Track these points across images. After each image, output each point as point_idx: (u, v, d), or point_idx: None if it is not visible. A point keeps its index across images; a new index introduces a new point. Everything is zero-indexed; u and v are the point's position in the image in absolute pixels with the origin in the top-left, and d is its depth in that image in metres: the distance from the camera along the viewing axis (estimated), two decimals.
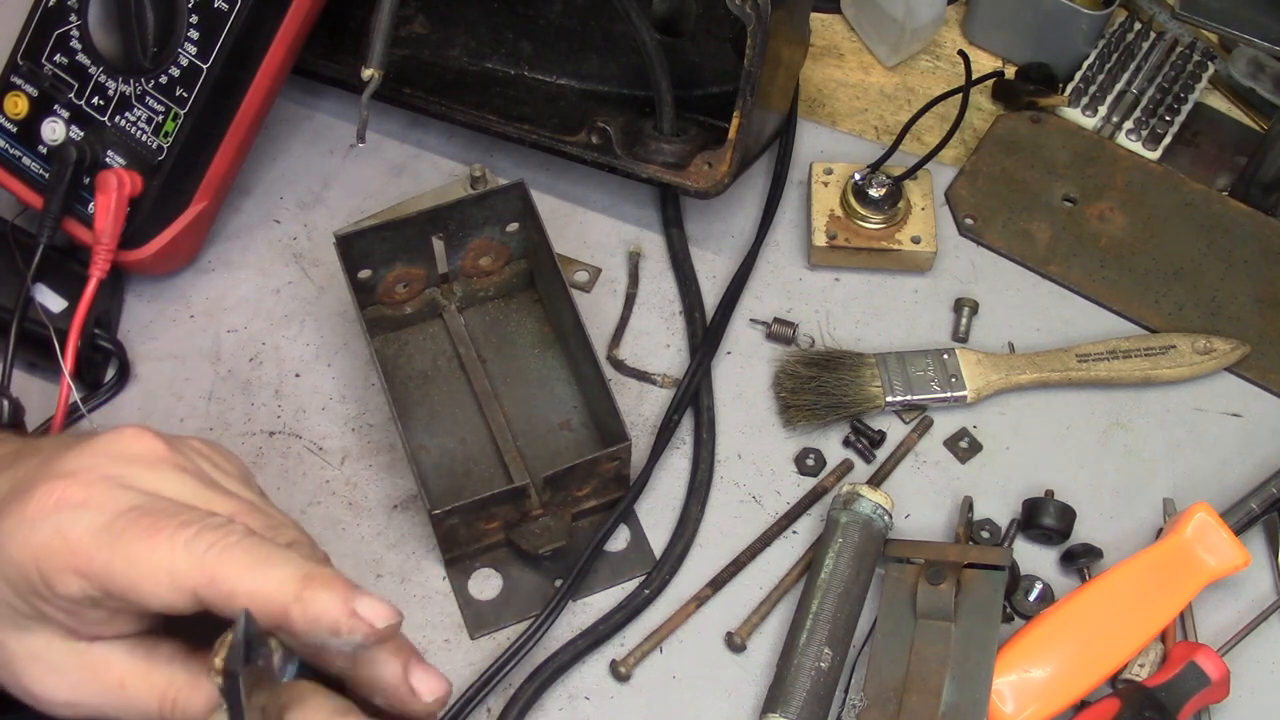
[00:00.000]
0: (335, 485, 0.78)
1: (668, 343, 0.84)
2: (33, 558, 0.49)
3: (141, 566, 0.48)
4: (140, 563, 0.48)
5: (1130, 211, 0.89)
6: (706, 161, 0.83)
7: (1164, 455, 0.80)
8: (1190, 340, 0.82)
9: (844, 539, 0.73)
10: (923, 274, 0.87)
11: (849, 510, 0.74)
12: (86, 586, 0.49)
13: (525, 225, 0.80)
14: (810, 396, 0.79)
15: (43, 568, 0.49)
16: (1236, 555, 0.72)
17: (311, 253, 0.86)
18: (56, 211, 0.77)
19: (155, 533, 0.49)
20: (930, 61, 0.97)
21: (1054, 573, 0.76)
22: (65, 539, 0.49)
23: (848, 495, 0.74)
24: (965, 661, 0.69)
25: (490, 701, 0.71)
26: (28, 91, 0.80)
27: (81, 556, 0.49)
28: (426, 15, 0.90)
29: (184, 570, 0.48)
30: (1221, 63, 0.95)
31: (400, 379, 0.81)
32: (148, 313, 0.84)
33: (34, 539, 0.50)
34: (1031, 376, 0.81)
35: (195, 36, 0.76)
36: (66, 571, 0.49)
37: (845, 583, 0.72)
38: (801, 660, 0.69)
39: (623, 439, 0.72)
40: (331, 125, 0.92)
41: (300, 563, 0.49)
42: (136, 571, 0.48)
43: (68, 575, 0.49)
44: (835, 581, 0.72)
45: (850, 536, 0.73)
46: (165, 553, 0.48)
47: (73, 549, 0.49)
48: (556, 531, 0.73)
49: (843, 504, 0.74)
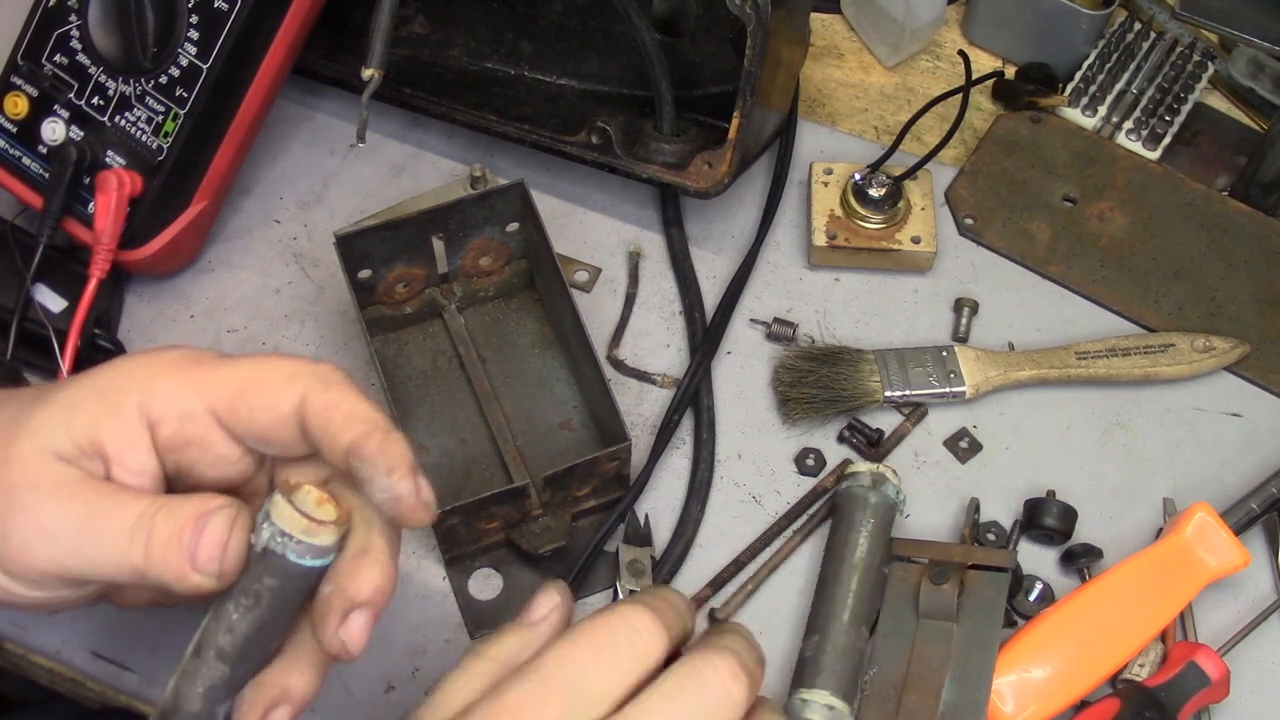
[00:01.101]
0: None
1: (668, 343, 0.84)
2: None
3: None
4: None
5: (1130, 211, 0.89)
6: (706, 161, 0.83)
7: (1164, 455, 0.80)
8: (1190, 339, 0.82)
9: (875, 519, 0.73)
10: (923, 274, 0.87)
11: (878, 490, 0.74)
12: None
13: (525, 225, 0.80)
14: (809, 390, 0.79)
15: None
16: (1236, 555, 0.72)
17: (311, 253, 0.86)
18: (56, 211, 0.77)
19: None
20: (930, 61, 0.97)
21: (1054, 572, 0.76)
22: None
23: (876, 475, 0.74)
24: (966, 662, 0.69)
25: None
26: (28, 91, 0.80)
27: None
28: (426, 15, 0.90)
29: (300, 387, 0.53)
30: (1221, 63, 0.95)
31: (400, 379, 0.81)
32: (148, 313, 0.84)
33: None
34: (1030, 373, 0.81)
35: (195, 36, 0.76)
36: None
37: (877, 563, 0.72)
38: (843, 638, 0.70)
39: (623, 439, 0.72)
40: (331, 125, 0.92)
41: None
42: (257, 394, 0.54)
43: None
44: (869, 561, 0.72)
45: (880, 517, 0.73)
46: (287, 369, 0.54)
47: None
48: (556, 531, 0.73)
49: (870, 483, 0.74)
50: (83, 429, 0.53)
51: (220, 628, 0.51)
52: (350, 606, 0.51)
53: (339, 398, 0.53)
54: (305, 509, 0.51)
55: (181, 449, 0.55)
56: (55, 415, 0.54)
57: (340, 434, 0.52)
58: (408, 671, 0.72)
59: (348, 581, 0.51)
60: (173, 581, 0.51)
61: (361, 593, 0.51)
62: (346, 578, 0.51)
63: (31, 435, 0.53)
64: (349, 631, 0.51)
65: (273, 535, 0.50)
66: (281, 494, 0.51)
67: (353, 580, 0.51)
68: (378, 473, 0.51)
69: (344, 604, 0.51)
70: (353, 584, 0.51)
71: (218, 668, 0.51)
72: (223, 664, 0.51)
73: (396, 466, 0.51)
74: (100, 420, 0.54)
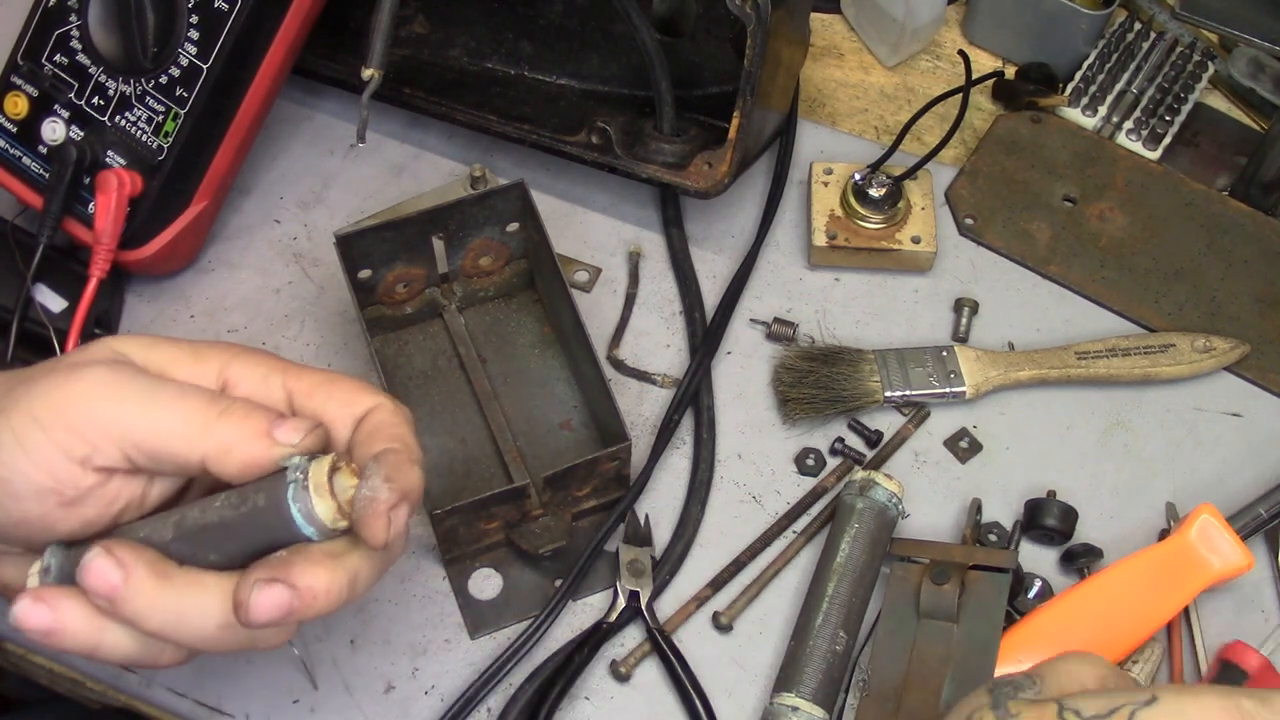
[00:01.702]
0: None
1: (668, 343, 0.84)
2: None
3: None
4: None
5: (1130, 211, 0.89)
6: (706, 161, 0.83)
7: (1164, 455, 0.80)
8: (1190, 339, 0.82)
9: (859, 525, 0.73)
10: (923, 274, 0.87)
11: (865, 496, 0.74)
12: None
13: (525, 225, 0.80)
14: (809, 390, 0.79)
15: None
16: (1240, 558, 0.72)
17: (311, 253, 0.86)
18: (56, 211, 0.77)
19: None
20: (930, 61, 0.97)
21: (1054, 572, 0.76)
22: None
23: (863, 482, 0.74)
24: (966, 662, 0.69)
25: (490, 701, 0.71)
26: (28, 91, 0.80)
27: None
28: (426, 15, 0.90)
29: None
30: (1221, 63, 0.95)
31: (400, 379, 0.81)
32: (148, 313, 0.84)
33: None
34: (1030, 373, 0.81)
35: (195, 36, 0.76)
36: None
37: (860, 568, 0.72)
38: (816, 642, 0.70)
39: (623, 439, 0.72)
40: (331, 125, 0.92)
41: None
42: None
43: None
44: (850, 566, 0.72)
45: (865, 523, 0.73)
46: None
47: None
48: (556, 531, 0.73)
49: (858, 490, 0.74)
50: (161, 359, 0.56)
51: (196, 506, 0.54)
52: (271, 580, 0.52)
53: (402, 428, 0.56)
54: (337, 487, 0.53)
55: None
56: (141, 339, 0.57)
57: (379, 443, 0.54)
58: (408, 671, 0.72)
59: (297, 571, 0.52)
60: (238, 441, 0.53)
61: (300, 581, 0.52)
62: (301, 565, 0.52)
63: (113, 341, 0.56)
64: (259, 600, 0.52)
65: (297, 478, 0.52)
66: (333, 460, 0.53)
67: (303, 571, 0.52)
68: (377, 473, 0.52)
69: (268, 574, 0.52)
70: (299, 572, 0.52)
71: (167, 530, 0.53)
72: (171, 531, 0.53)
73: (395, 480, 0.52)
74: (179, 359, 0.56)
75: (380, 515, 0.52)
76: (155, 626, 0.53)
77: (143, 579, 0.52)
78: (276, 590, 0.51)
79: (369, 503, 0.52)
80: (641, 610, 0.73)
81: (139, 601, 0.52)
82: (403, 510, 0.52)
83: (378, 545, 0.52)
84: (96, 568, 0.52)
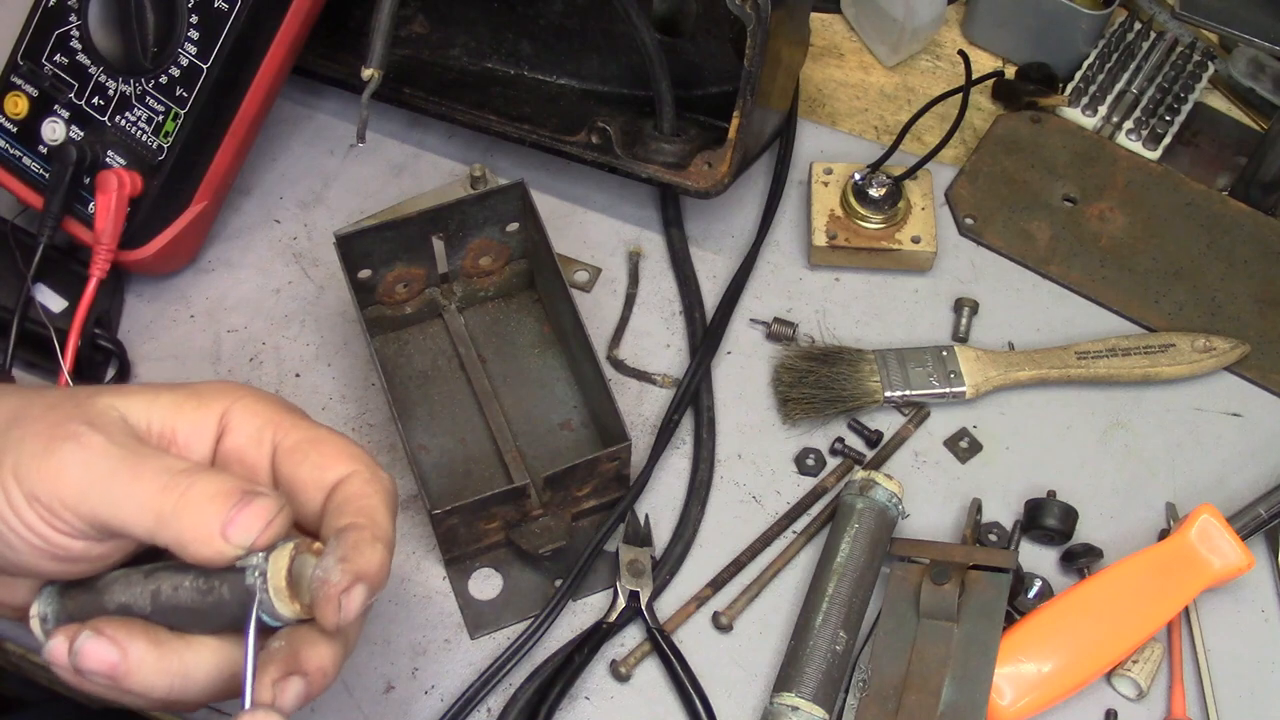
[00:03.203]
0: None
1: (668, 343, 0.84)
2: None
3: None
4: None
5: (1130, 211, 0.89)
6: (706, 161, 0.83)
7: (1164, 455, 0.80)
8: (1190, 339, 0.82)
9: (859, 524, 0.73)
10: (923, 274, 0.87)
11: (865, 496, 0.74)
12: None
13: (525, 225, 0.80)
14: (809, 390, 0.79)
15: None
16: (1240, 558, 0.72)
17: (311, 253, 0.86)
18: (57, 211, 0.77)
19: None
20: (930, 61, 0.97)
21: (1054, 572, 0.76)
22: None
23: (863, 482, 0.74)
24: (966, 662, 0.69)
25: (490, 701, 0.71)
26: (28, 91, 0.80)
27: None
28: (426, 15, 0.90)
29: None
30: (1221, 63, 0.95)
31: (400, 379, 0.81)
32: (148, 313, 0.84)
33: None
34: (1030, 373, 0.81)
35: (195, 36, 0.76)
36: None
37: (860, 568, 0.72)
38: (816, 642, 0.70)
39: (623, 439, 0.72)
40: (331, 125, 0.92)
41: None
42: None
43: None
44: (850, 566, 0.72)
45: (865, 522, 0.73)
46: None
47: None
48: (556, 531, 0.73)
49: (858, 490, 0.74)
50: (163, 410, 0.55)
51: (169, 581, 0.53)
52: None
53: (373, 500, 0.54)
54: (300, 575, 0.52)
55: (227, 465, 0.56)
56: (145, 391, 0.56)
57: (344, 517, 0.53)
58: (408, 671, 0.72)
59: (303, 656, 0.52)
60: (191, 540, 0.51)
61: (309, 665, 0.52)
62: (305, 650, 0.52)
63: (114, 395, 0.55)
64: (283, 700, 0.51)
65: (256, 579, 0.51)
66: (291, 553, 0.52)
67: (309, 655, 0.52)
68: (333, 552, 0.52)
69: (280, 670, 0.52)
70: (304, 657, 0.52)
71: (145, 603, 0.53)
72: (149, 604, 0.53)
73: (351, 561, 0.51)
74: (183, 406, 0.55)
75: (330, 600, 0.50)
76: (163, 694, 0.52)
77: (143, 651, 0.52)
78: (293, 684, 0.51)
79: (320, 584, 0.51)
80: (641, 610, 0.73)
81: (142, 673, 0.52)
82: (357, 593, 0.51)
83: (330, 629, 0.51)
84: (91, 650, 0.51)
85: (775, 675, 0.71)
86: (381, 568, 0.52)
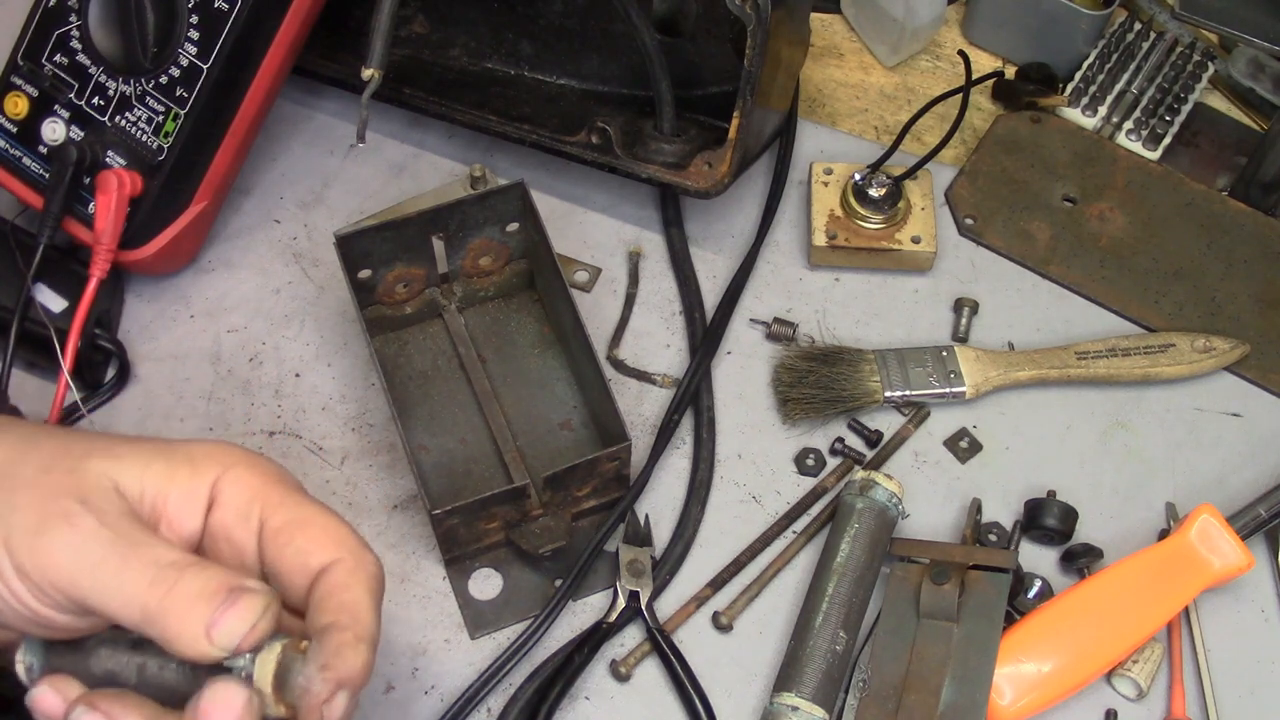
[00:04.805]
0: (335, 485, 0.78)
1: (668, 343, 0.84)
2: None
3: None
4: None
5: (1130, 211, 0.89)
6: (706, 161, 0.83)
7: (1164, 455, 0.80)
8: (1190, 339, 0.82)
9: (859, 525, 0.73)
10: (923, 274, 0.87)
11: (865, 496, 0.74)
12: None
13: (525, 225, 0.80)
14: (809, 390, 0.79)
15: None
16: (1240, 558, 0.72)
17: (311, 253, 0.86)
18: (57, 211, 0.77)
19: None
20: (930, 61, 0.97)
21: (1054, 572, 0.76)
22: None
23: (863, 482, 0.74)
24: (966, 662, 0.69)
25: (490, 701, 0.71)
26: (28, 91, 0.80)
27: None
28: (426, 15, 0.90)
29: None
30: (1221, 63, 0.95)
31: (400, 379, 0.81)
32: (148, 313, 0.84)
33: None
34: (1030, 373, 0.81)
35: (195, 36, 0.76)
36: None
37: (860, 568, 0.72)
38: (816, 642, 0.70)
39: (623, 439, 0.72)
40: (331, 125, 0.92)
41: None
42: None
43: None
44: (850, 566, 0.72)
45: (865, 522, 0.73)
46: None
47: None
48: (556, 531, 0.73)
49: (858, 490, 0.74)
50: (156, 478, 0.54)
51: (156, 660, 0.53)
52: None
53: (355, 593, 0.53)
54: (283, 674, 0.51)
55: (215, 541, 0.55)
56: (139, 453, 0.54)
57: (327, 614, 0.53)
58: (408, 671, 0.72)
59: None
60: (176, 638, 0.50)
61: None
62: None
63: (105, 459, 0.54)
64: None
65: (245, 669, 0.51)
66: (280, 655, 0.51)
67: None
68: (315, 659, 0.51)
69: None
70: None
71: (130, 674, 0.53)
72: (132, 677, 0.53)
73: (333, 668, 0.51)
74: (176, 475, 0.54)
75: (314, 710, 0.50)
76: None
77: None
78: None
79: (303, 694, 0.51)
80: (641, 610, 0.73)
81: None
82: (338, 702, 0.51)
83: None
84: None
85: (775, 675, 0.71)
86: (364, 670, 0.52)
